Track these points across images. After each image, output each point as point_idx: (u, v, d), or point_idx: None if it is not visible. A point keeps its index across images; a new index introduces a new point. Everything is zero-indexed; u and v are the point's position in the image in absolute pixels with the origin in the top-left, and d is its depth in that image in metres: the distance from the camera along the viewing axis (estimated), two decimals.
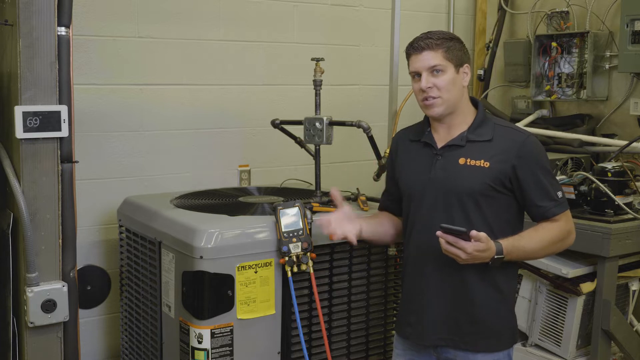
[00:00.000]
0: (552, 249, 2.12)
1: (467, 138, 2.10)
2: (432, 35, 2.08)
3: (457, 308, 2.10)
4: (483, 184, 2.04)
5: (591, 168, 3.04)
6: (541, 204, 2.07)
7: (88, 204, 3.06)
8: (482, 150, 2.07)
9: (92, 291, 3.14)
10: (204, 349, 2.29)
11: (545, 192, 2.06)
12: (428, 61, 2.07)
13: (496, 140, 2.08)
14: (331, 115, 2.75)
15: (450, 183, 2.08)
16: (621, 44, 3.38)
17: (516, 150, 2.05)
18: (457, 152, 2.09)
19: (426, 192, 2.12)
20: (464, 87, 2.12)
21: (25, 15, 2.11)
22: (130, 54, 3.16)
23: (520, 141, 2.06)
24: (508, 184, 2.06)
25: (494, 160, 2.05)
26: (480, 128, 2.11)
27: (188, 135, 3.35)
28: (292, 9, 3.59)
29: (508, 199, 2.08)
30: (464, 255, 1.94)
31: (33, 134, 2.13)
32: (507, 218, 2.09)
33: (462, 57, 2.10)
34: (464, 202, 2.06)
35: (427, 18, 4.07)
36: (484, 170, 2.05)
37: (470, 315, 2.09)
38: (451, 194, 2.07)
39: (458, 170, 2.08)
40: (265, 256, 2.37)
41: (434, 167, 2.12)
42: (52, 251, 2.22)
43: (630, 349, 2.86)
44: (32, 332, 2.21)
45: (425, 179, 2.13)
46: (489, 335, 2.10)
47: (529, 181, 2.05)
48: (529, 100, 4.01)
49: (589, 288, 2.79)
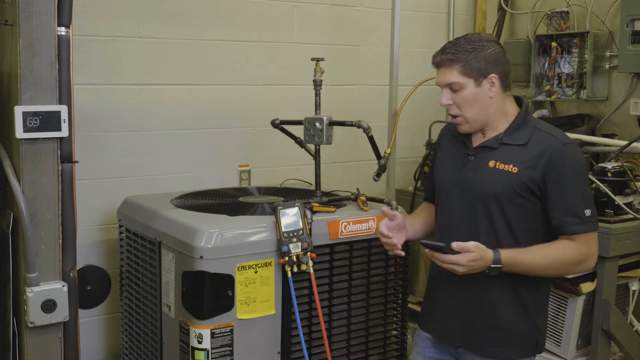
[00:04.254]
0: (564, 270, 2.03)
1: (502, 141, 2.03)
2: (451, 48, 1.99)
3: (476, 313, 2.07)
4: (508, 190, 1.98)
5: (591, 168, 3.03)
6: (561, 217, 1.96)
7: (88, 204, 3.06)
8: (515, 154, 2.00)
9: (92, 291, 3.14)
10: (204, 349, 2.29)
11: (568, 206, 1.95)
12: (444, 78, 2.01)
13: (531, 145, 1.99)
14: (331, 115, 2.75)
15: (477, 185, 2.03)
16: (621, 44, 3.38)
17: (548, 157, 1.95)
18: (488, 154, 2.04)
19: (455, 191, 2.09)
20: (492, 97, 2.00)
21: (25, 15, 2.11)
22: (130, 54, 3.16)
23: (555, 148, 1.96)
24: (537, 191, 1.97)
25: (523, 166, 1.97)
26: (517, 131, 2.03)
27: (188, 135, 3.35)
28: (292, 9, 3.59)
29: (536, 206, 1.99)
30: (460, 269, 1.91)
31: (33, 134, 2.13)
32: (532, 227, 2.01)
33: (487, 67, 1.98)
34: (488, 206, 2.01)
35: (427, 18, 4.07)
36: (511, 176, 1.98)
37: (488, 322, 2.06)
38: (477, 196, 2.03)
39: (486, 173, 2.02)
40: (265, 256, 2.37)
41: (465, 167, 2.08)
42: (52, 251, 2.22)
43: (630, 349, 2.86)
44: (32, 332, 2.21)
45: (456, 178, 2.09)
46: (507, 343, 2.06)
47: (553, 191, 1.95)
48: (529, 100, 4.00)
49: (589, 288, 2.78)
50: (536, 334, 2.10)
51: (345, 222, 2.54)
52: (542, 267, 1.97)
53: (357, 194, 2.79)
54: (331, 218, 2.53)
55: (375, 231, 2.58)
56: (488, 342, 2.07)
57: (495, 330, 2.06)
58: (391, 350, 2.75)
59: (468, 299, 2.08)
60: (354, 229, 2.56)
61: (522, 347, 2.08)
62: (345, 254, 2.56)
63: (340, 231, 2.53)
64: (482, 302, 2.06)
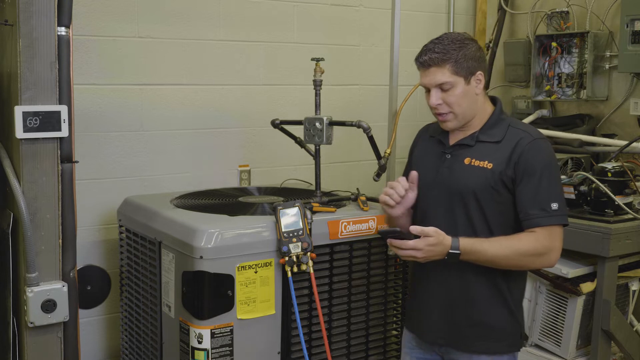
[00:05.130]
0: (523, 261, 2.00)
1: (478, 138, 2.07)
2: (439, 48, 1.99)
3: (457, 309, 2.09)
4: (484, 185, 2.01)
5: (591, 168, 3.04)
6: (527, 210, 1.98)
7: (88, 204, 3.06)
8: (489, 151, 2.04)
9: (92, 291, 3.13)
10: (204, 349, 2.29)
11: (535, 199, 1.97)
12: (435, 78, 2.01)
13: (505, 142, 2.03)
14: (331, 115, 2.75)
15: (453, 182, 2.07)
16: (621, 44, 3.38)
17: (520, 152, 1.99)
18: (464, 152, 2.08)
19: (433, 189, 2.12)
20: (478, 94, 2.05)
21: (25, 15, 2.10)
22: (130, 54, 3.16)
23: (525, 143, 2.00)
24: (511, 186, 2.01)
25: (497, 162, 2.01)
26: (492, 129, 2.07)
27: (188, 135, 3.35)
28: (292, 9, 3.59)
29: (512, 202, 2.02)
30: (419, 254, 1.92)
31: (33, 134, 2.13)
32: (509, 222, 2.03)
33: (474, 66, 2.01)
34: (466, 203, 2.04)
35: (427, 18, 4.07)
36: (486, 172, 2.02)
37: (469, 317, 2.08)
38: (454, 193, 2.06)
39: (462, 169, 2.06)
40: (265, 256, 2.37)
41: (442, 165, 2.11)
42: (52, 251, 2.22)
43: (630, 349, 2.86)
44: (32, 332, 2.20)
45: (433, 176, 2.12)
46: (488, 338, 2.08)
47: (522, 184, 1.99)
48: (529, 100, 4.01)
49: (589, 288, 2.78)
50: (518, 328, 2.12)
51: (345, 222, 2.54)
52: (500, 256, 1.97)
53: (357, 194, 2.79)
54: (331, 218, 2.53)
55: (375, 231, 2.59)
56: (471, 337, 2.08)
57: (478, 326, 2.08)
58: (391, 351, 2.75)
59: (449, 296, 2.10)
60: (354, 229, 2.56)
61: (506, 341, 2.10)
62: (345, 254, 2.56)
63: (340, 231, 2.53)
64: (463, 298, 2.08)
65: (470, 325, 2.08)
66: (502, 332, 2.09)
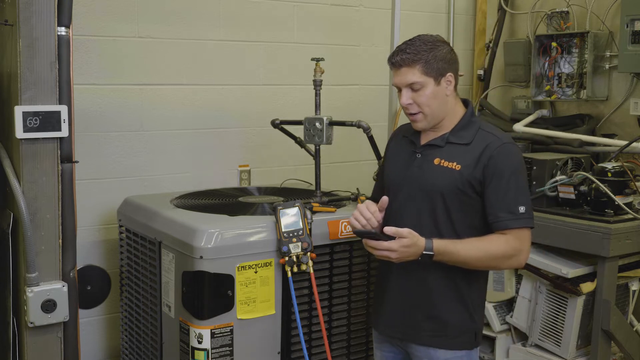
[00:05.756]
0: (494, 263, 2.06)
1: (448, 139, 2.10)
2: (410, 49, 2.04)
3: (415, 303, 2.12)
4: (451, 186, 2.04)
5: (591, 168, 3.03)
6: (496, 213, 2.01)
7: (88, 204, 3.06)
8: (459, 153, 2.07)
9: (92, 291, 3.13)
10: (204, 349, 2.29)
11: (503, 202, 2.00)
12: (406, 78, 2.05)
13: (474, 144, 2.06)
14: (331, 115, 2.75)
15: (422, 182, 2.09)
16: (621, 44, 3.38)
17: (488, 155, 2.02)
18: (434, 152, 2.10)
19: (402, 188, 2.14)
20: (448, 95, 2.07)
21: (25, 15, 2.10)
22: (130, 54, 3.16)
23: (494, 147, 2.03)
24: (479, 188, 2.03)
25: (466, 164, 2.04)
26: (462, 131, 2.10)
27: (188, 135, 3.35)
28: (292, 9, 3.59)
29: (478, 204, 2.05)
30: (394, 255, 1.94)
31: (33, 134, 2.13)
32: (474, 223, 2.06)
33: (444, 67, 2.04)
34: (433, 202, 2.07)
35: (427, 18, 4.07)
36: (454, 173, 2.04)
37: (426, 312, 2.10)
38: (422, 192, 2.09)
39: (431, 170, 2.08)
40: (265, 256, 2.37)
41: (412, 165, 2.13)
42: (52, 251, 2.22)
43: (630, 349, 2.86)
44: (32, 332, 2.20)
45: (403, 175, 2.15)
46: (445, 333, 2.10)
47: (490, 187, 2.01)
48: (529, 100, 4.00)
49: (589, 288, 2.78)
50: (474, 327, 2.13)
51: (345, 222, 2.54)
52: (472, 258, 2.00)
53: (357, 194, 2.79)
54: (331, 218, 2.53)
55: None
56: (426, 331, 2.10)
57: (433, 320, 2.10)
58: None
59: (407, 291, 2.13)
60: None
61: (460, 339, 2.11)
62: (345, 254, 2.56)
63: (340, 231, 2.53)
64: (420, 292, 2.10)
65: (426, 320, 2.10)
66: (457, 329, 2.10)
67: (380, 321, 2.23)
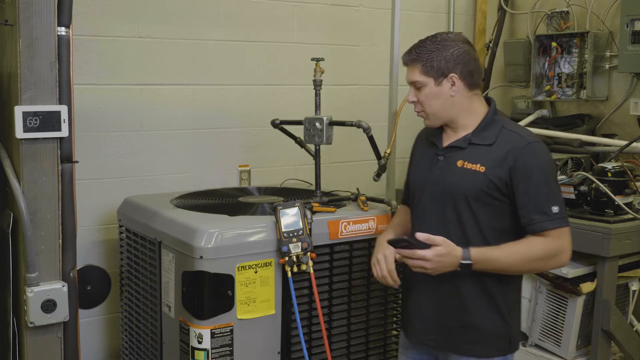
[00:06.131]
0: (535, 265, 2.04)
1: (470, 140, 2.06)
2: (417, 48, 2.06)
3: (448, 311, 2.09)
4: (476, 189, 2.00)
5: (591, 168, 3.04)
6: (530, 215, 1.97)
7: (88, 204, 3.06)
8: (482, 154, 2.03)
9: (92, 291, 3.13)
10: (204, 349, 2.29)
11: (536, 205, 1.96)
12: (409, 76, 2.09)
13: (498, 144, 2.02)
14: (331, 115, 2.75)
15: (445, 185, 2.06)
16: (621, 44, 3.38)
17: (514, 156, 1.98)
18: (457, 154, 2.07)
19: (426, 191, 2.12)
20: (453, 96, 2.04)
21: (25, 15, 2.10)
22: (130, 54, 3.16)
23: (520, 147, 1.99)
24: (505, 190, 1.99)
25: (490, 165, 2.00)
26: (485, 131, 2.06)
27: (188, 135, 3.35)
28: (292, 9, 3.59)
29: (504, 205, 2.01)
30: (428, 265, 1.92)
31: (33, 134, 2.13)
32: (502, 225, 2.02)
33: (446, 67, 2.02)
34: (457, 206, 2.03)
35: (427, 18, 4.07)
36: (479, 175, 2.00)
37: (459, 320, 2.07)
38: (446, 195, 2.06)
39: (454, 172, 2.05)
40: (265, 256, 2.37)
41: (435, 167, 2.11)
42: (52, 251, 2.22)
43: (630, 349, 2.86)
44: (32, 332, 2.20)
45: (426, 178, 2.13)
46: (478, 341, 2.07)
47: (520, 190, 1.97)
48: (529, 100, 4.01)
49: (589, 288, 2.78)
50: (509, 333, 2.10)
51: (345, 222, 2.54)
52: (512, 264, 1.98)
53: (357, 194, 2.79)
54: (331, 218, 2.53)
55: (376, 231, 2.59)
56: (460, 340, 2.08)
57: (467, 328, 2.07)
58: (391, 351, 2.74)
59: (439, 298, 2.10)
60: (354, 229, 2.56)
61: (496, 345, 2.08)
62: (345, 254, 2.56)
63: (340, 231, 2.53)
64: (453, 300, 2.07)
65: (459, 328, 2.08)
66: (490, 336, 2.07)
67: (410, 327, 2.20)
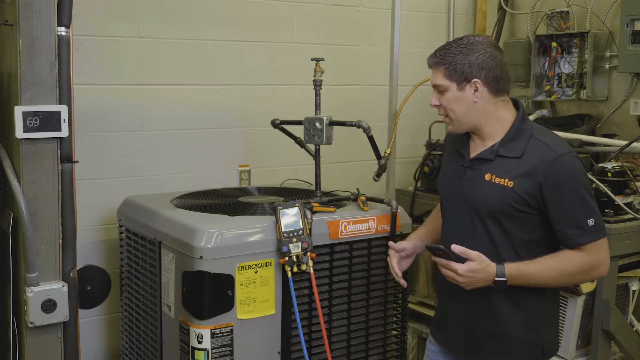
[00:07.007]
0: (571, 280, 2.00)
1: (497, 152, 1.99)
2: (441, 51, 2.00)
3: (478, 321, 2.06)
4: (504, 204, 1.94)
5: (591, 168, 3.03)
6: (565, 230, 1.92)
7: (88, 204, 3.06)
8: (510, 167, 1.96)
9: (92, 291, 3.14)
10: (204, 349, 2.29)
11: (570, 219, 1.91)
12: (433, 79, 2.04)
13: (526, 157, 1.95)
14: (331, 115, 2.75)
15: (473, 199, 2.02)
16: (621, 44, 3.38)
17: (543, 171, 1.91)
18: (484, 167, 2.01)
19: (454, 202, 2.09)
20: (476, 102, 1.98)
21: (25, 15, 2.10)
22: (130, 54, 3.16)
23: (549, 161, 1.91)
24: (534, 203, 1.93)
25: (519, 180, 1.93)
26: (512, 142, 1.99)
27: (188, 135, 3.35)
28: (292, 9, 3.59)
29: (535, 218, 1.95)
30: (460, 279, 1.90)
31: (33, 134, 2.13)
32: (534, 238, 1.97)
33: (470, 72, 1.95)
34: (485, 219, 1.99)
35: (427, 18, 4.07)
36: (507, 190, 1.94)
37: (489, 330, 2.05)
38: (474, 209, 2.01)
39: (482, 186, 2.00)
40: (265, 256, 2.37)
41: (462, 179, 2.06)
42: (52, 251, 2.22)
43: (630, 349, 2.86)
44: (32, 332, 2.20)
45: (453, 189, 2.09)
46: (509, 351, 2.04)
47: (552, 205, 1.91)
48: (529, 100, 4.00)
49: (589, 288, 2.78)
50: (541, 342, 2.05)
51: (345, 222, 2.54)
52: (548, 279, 1.94)
53: (357, 194, 2.79)
54: (331, 218, 2.53)
55: (376, 231, 2.59)
56: (490, 350, 2.06)
57: (497, 339, 2.04)
58: (391, 351, 2.75)
59: (469, 308, 2.07)
60: (354, 229, 2.56)
61: (527, 355, 2.05)
62: (345, 254, 2.56)
63: (340, 231, 2.53)
64: (483, 310, 2.04)
65: (490, 338, 2.05)
66: (523, 346, 2.04)
67: (442, 333, 2.19)
